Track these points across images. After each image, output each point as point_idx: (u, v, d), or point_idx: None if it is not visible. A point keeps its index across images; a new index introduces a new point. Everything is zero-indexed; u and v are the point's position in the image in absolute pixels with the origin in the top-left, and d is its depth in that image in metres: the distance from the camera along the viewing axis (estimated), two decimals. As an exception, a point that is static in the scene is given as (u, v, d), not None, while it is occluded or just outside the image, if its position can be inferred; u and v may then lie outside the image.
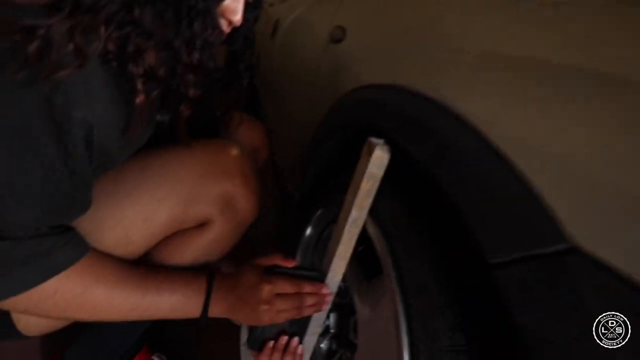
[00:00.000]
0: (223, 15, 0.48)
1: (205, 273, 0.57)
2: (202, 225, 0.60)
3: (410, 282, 0.43)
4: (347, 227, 0.55)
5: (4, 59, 0.34)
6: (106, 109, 0.42)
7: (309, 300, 0.55)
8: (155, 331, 0.85)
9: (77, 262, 0.46)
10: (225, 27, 0.51)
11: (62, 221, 0.45)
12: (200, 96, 0.52)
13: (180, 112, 0.54)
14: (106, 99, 0.41)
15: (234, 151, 0.62)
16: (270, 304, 0.52)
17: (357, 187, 0.52)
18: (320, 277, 0.58)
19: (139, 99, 0.44)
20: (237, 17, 0.49)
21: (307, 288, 0.55)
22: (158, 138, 0.63)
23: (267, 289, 0.53)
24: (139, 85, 0.43)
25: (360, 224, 0.55)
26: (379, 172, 0.52)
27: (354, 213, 0.54)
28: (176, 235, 0.59)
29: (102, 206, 0.52)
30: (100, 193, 0.52)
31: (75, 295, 0.47)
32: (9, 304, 0.44)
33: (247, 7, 0.54)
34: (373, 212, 0.54)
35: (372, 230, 0.54)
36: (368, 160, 0.50)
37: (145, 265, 0.56)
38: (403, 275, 0.44)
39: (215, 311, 0.54)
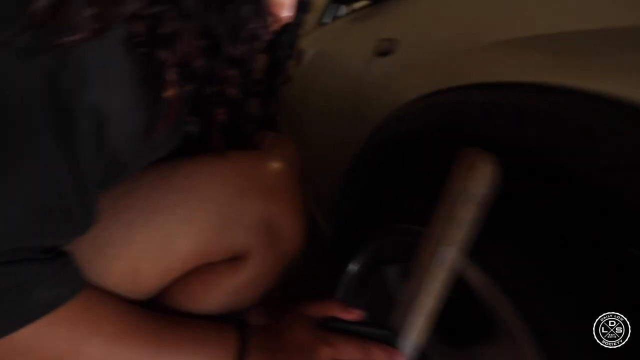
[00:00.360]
0: (271, 10, 0.40)
1: (233, 326, 0.42)
2: (234, 259, 0.45)
3: (562, 354, 0.28)
4: (433, 269, 0.40)
5: (4, 15, 0.25)
6: (126, 101, 0.32)
7: None
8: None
9: (65, 304, 0.33)
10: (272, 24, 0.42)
11: (51, 241, 0.33)
12: (240, 99, 0.42)
13: (215, 116, 0.44)
14: (127, 90, 0.32)
15: (278, 164, 0.49)
16: None
17: (450, 214, 0.39)
18: (391, 338, 0.42)
19: (169, 91, 0.34)
20: (286, 13, 0.41)
21: (378, 355, 0.40)
22: (184, 152, 0.51)
23: (325, 354, 0.38)
24: (171, 76, 0.34)
25: (451, 265, 0.41)
26: (484, 194, 0.38)
27: (443, 250, 0.40)
28: (200, 272, 0.45)
29: (106, 226, 0.39)
30: (105, 209, 0.39)
31: (59, 354, 0.33)
32: None
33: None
34: (477, 251, 0.39)
35: (475, 277, 0.39)
36: (469, 178, 0.37)
37: (157, 312, 0.42)
38: (548, 344, 0.29)
39: None
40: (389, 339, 0.42)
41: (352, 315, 0.42)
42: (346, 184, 0.74)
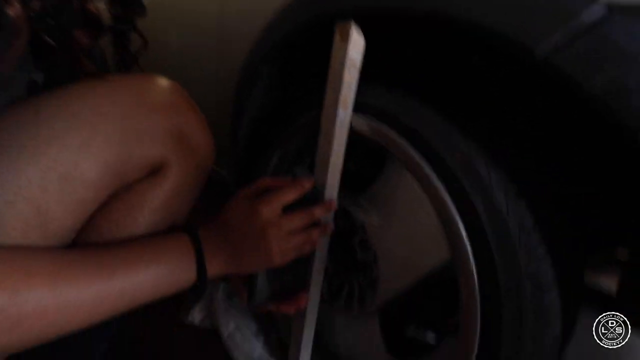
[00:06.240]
0: None
1: (178, 229, 0.44)
2: (152, 175, 0.44)
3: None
4: (336, 131, 0.49)
5: None
6: None
7: (318, 211, 0.47)
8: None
9: None
10: None
11: None
12: (96, 15, 0.41)
13: (76, 40, 0.41)
14: None
15: (165, 80, 0.48)
16: (277, 224, 0.43)
17: (338, 82, 0.48)
18: (319, 193, 0.51)
19: (13, 9, 0.31)
20: None
21: (308, 187, 0.47)
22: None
23: (266, 208, 0.43)
24: None
25: (347, 124, 0.51)
26: (359, 58, 0.48)
27: (340, 113, 0.49)
28: (120, 196, 0.43)
29: None
30: None
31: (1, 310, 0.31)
32: None
33: None
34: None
35: (367, 128, 0.50)
36: (345, 47, 0.46)
37: (92, 244, 0.41)
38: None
39: (214, 268, 0.43)
40: (317, 193, 0.51)
41: (282, 181, 0.47)
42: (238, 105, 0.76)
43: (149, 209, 0.44)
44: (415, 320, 0.59)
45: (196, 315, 0.81)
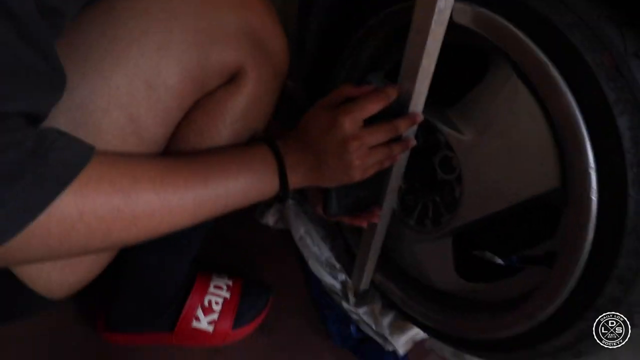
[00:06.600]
0: None
1: (258, 141, 0.44)
2: (231, 82, 0.43)
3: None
4: (432, 26, 0.40)
5: None
6: None
7: (403, 124, 0.43)
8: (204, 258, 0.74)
9: (91, 159, 0.31)
10: None
11: (29, 104, 0.27)
12: None
13: None
14: None
15: None
16: (359, 138, 0.40)
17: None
18: (403, 105, 0.45)
19: None
20: None
21: (394, 97, 0.42)
22: None
23: (348, 120, 0.40)
24: None
25: (447, 15, 0.41)
26: None
27: (440, 1, 0.39)
28: (201, 105, 0.43)
29: (73, 85, 0.34)
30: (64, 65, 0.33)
31: (114, 208, 0.32)
32: (18, 251, 0.29)
33: None
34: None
35: (472, 18, 0.40)
36: None
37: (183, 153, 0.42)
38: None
39: (295, 179, 0.42)
40: (402, 103, 0.45)
41: (364, 89, 0.42)
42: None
43: (230, 117, 0.44)
44: (493, 245, 0.55)
45: (270, 218, 0.87)
